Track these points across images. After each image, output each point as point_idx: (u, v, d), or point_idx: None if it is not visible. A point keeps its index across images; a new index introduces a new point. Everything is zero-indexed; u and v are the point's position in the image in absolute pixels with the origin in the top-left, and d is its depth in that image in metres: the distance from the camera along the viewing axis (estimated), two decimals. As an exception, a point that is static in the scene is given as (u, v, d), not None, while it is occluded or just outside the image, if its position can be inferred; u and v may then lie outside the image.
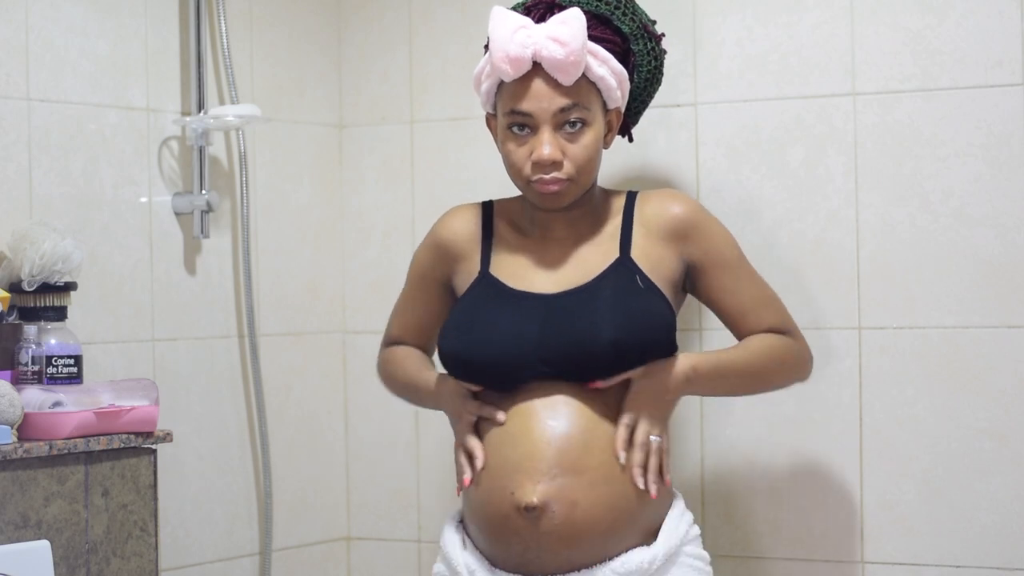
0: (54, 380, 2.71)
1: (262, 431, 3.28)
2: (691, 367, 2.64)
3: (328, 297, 3.48)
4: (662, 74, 2.85)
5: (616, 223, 2.72)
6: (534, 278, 2.70)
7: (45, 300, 2.74)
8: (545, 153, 2.61)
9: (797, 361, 2.74)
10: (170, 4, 3.15)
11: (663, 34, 2.85)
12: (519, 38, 2.61)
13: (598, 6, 2.74)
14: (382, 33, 3.46)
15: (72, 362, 2.74)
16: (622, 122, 2.82)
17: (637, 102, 2.85)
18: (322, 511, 3.46)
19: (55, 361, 2.72)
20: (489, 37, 2.66)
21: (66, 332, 2.76)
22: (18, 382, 2.70)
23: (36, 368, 2.71)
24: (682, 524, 2.64)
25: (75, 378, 2.74)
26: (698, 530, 2.69)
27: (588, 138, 2.65)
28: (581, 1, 2.72)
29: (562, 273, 2.69)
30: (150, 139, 3.10)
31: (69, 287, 2.77)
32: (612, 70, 2.68)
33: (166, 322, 3.12)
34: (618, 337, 2.58)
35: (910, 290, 2.94)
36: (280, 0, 3.40)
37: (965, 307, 2.90)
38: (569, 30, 2.60)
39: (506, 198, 2.81)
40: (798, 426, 2.99)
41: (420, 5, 3.41)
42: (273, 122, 3.31)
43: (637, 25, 2.77)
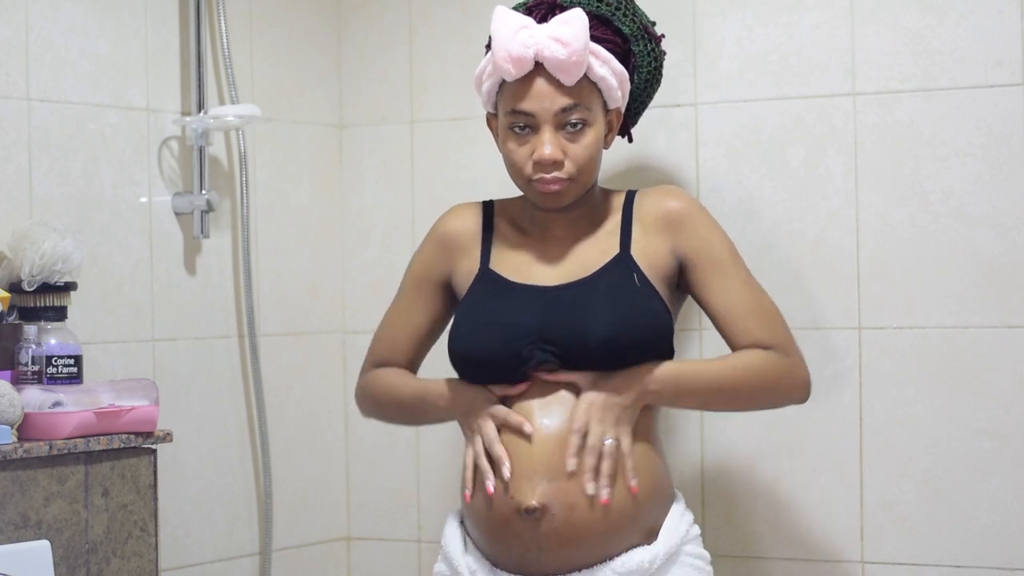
0: (54, 380, 2.71)
1: (262, 431, 3.28)
2: (647, 370, 2.60)
3: (328, 297, 3.48)
4: (661, 75, 2.86)
5: (616, 221, 2.72)
6: (534, 272, 2.70)
7: (45, 300, 2.74)
8: (546, 153, 2.61)
9: (783, 380, 2.66)
10: (170, 4, 3.15)
11: (663, 35, 2.86)
12: (521, 38, 2.61)
13: (599, 7, 2.74)
14: (382, 33, 3.46)
15: (72, 362, 2.74)
16: (621, 123, 2.82)
17: (637, 103, 2.86)
18: (322, 511, 3.46)
19: (55, 361, 2.72)
20: (491, 36, 2.66)
21: (66, 332, 2.76)
22: (18, 382, 2.70)
23: (36, 368, 2.71)
24: (682, 524, 2.64)
25: (75, 378, 2.74)
26: (698, 530, 2.69)
27: (589, 138, 2.65)
28: (582, 2, 2.73)
29: (562, 268, 2.70)
30: (150, 139, 3.10)
31: (69, 287, 2.77)
32: (613, 70, 2.68)
33: (166, 322, 3.12)
34: (610, 335, 2.58)
35: (910, 290, 2.94)
36: (280, 0, 3.40)
37: (965, 307, 2.90)
38: (571, 30, 2.61)
39: (506, 198, 2.82)
40: (798, 426, 2.99)
41: (420, 5, 3.41)
42: (273, 122, 3.31)
43: (638, 26, 2.78)
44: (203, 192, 3.15)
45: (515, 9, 2.73)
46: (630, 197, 2.75)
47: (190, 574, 3.16)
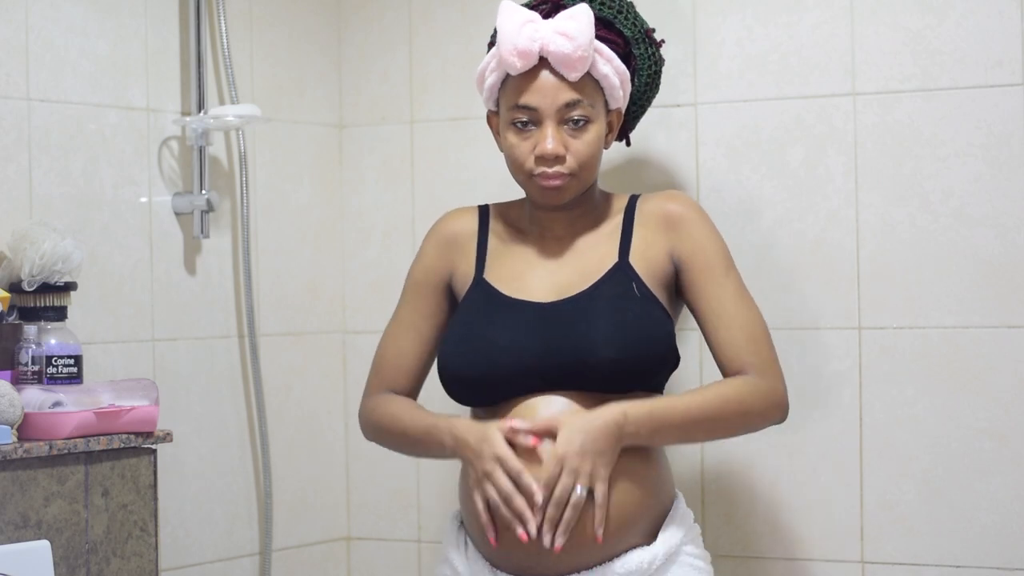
0: (54, 380, 2.71)
1: (262, 431, 3.28)
2: (621, 413, 2.53)
3: (328, 297, 3.48)
4: (660, 81, 2.87)
5: (616, 222, 2.72)
6: (530, 283, 2.69)
7: (45, 300, 2.74)
8: (548, 147, 2.62)
9: (758, 406, 2.61)
10: (170, 4, 3.15)
11: (663, 41, 2.87)
12: (528, 31, 2.62)
13: (601, 9, 2.76)
14: (382, 33, 3.46)
15: (72, 362, 2.74)
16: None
17: (635, 107, 2.87)
18: (322, 511, 3.46)
19: (55, 361, 2.72)
20: (497, 31, 2.66)
21: (66, 332, 2.76)
22: (18, 382, 2.70)
23: (36, 368, 2.71)
24: (682, 524, 2.64)
25: (75, 378, 2.74)
26: (698, 529, 2.69)
27: (591, 135, 2.65)
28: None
29: (559, 277, 2.69)
30: (150, 139, 3.10)
31: (69, 287, 2.77)
32: (616, 69, 2.69)
33: (166, 322, 3.12)
34: (617, 355, 2.57)
35: (910, 290, 2.94)
36: (280, 0, 3.40)
37: (965, 307, 2.90)
38: (577, 25, 2.62)
39: (503, 202, 2.82)
40: (798, 426, 2.99)
41: (420, 5, 3.41)
42: (273, 122, 3.31)
43: (639, 30, 2.80)
44: (203, 192, 3.15)
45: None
46: (633, 200, 2.75)
47: (190, 574, 3.16)
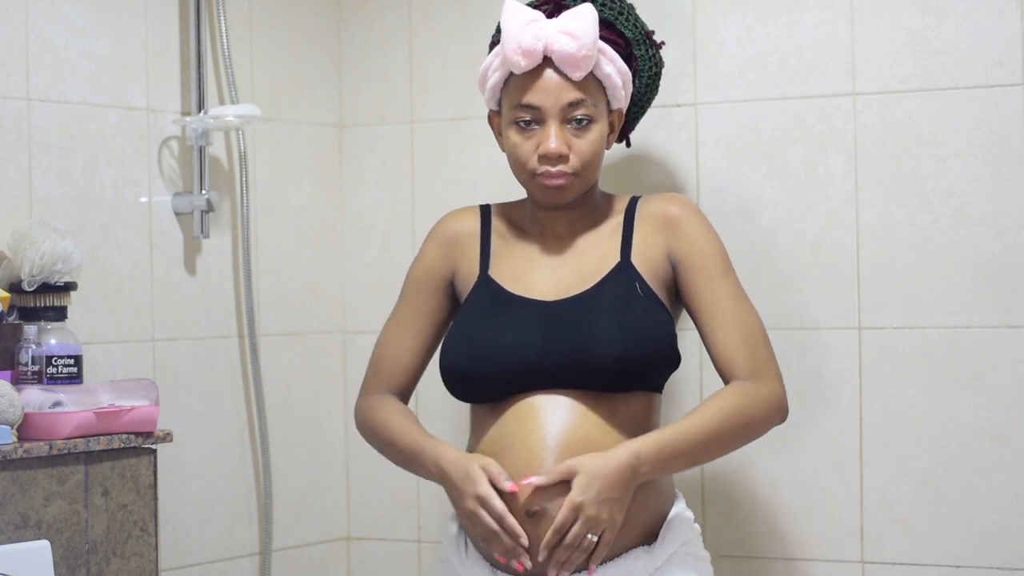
0: (54, 380, 2.71)
1: (262, 431, 3.28)
2: (633, 455, 2.51)
3: (328, 297, 3.48)
4: (659, 83, 2.88)
5: (617, 222, 2.73)
6: (534, 280, 2.70)
7: (45, 300, 2.74)
8: (552, 146, 2.62)
9: (759, 412, 2.60)
10: (170, 4, 3.15)
11: (663, 43, 2.87)
12: (532, 30, 2.63)
13: (602, 10, 2.76)
14: (382, 33, 3.46)
15: (72, 362, 2.74)
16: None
17: (635, 108, 2.87)
18: (322, 511, 3.46)
19: (55, 361, 2.72)
20: (501, 29, 2.67)
21: (66, 332, 2.76)
22: (18, 382, 2.70)
23: (36, 368, 2.71)
24: (682, 524, 2.64)
25: (75, 378, 2.74)
26: (698, 529, 2.69)
27: (594, 134, 2.65)
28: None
29: (562, 275, 2.69)
30: (150, 139, 3.10)
31: (69, 287, 2.77)
32: (618, 69, 2.69)
33: (166, 322, 3.12)
34: (620, 354, 2.57)
35: (910, 290, 2.94)
36: (280, 0, 3.40)
37: (965, 307, 2.90)
38: (581, 24, 2.62)
39: (504, 202, 2.82)
40: (798, 426, 2.99)
41: (420, 5, 3.41)
42: (273, 122, 3.31)
43: (640, 31, 2.80)
44: (203, 192, 3.15)
45: (521, 6, 2.75)
46: (633, 202, 2.75)
47: (190, 574, 3.16)
